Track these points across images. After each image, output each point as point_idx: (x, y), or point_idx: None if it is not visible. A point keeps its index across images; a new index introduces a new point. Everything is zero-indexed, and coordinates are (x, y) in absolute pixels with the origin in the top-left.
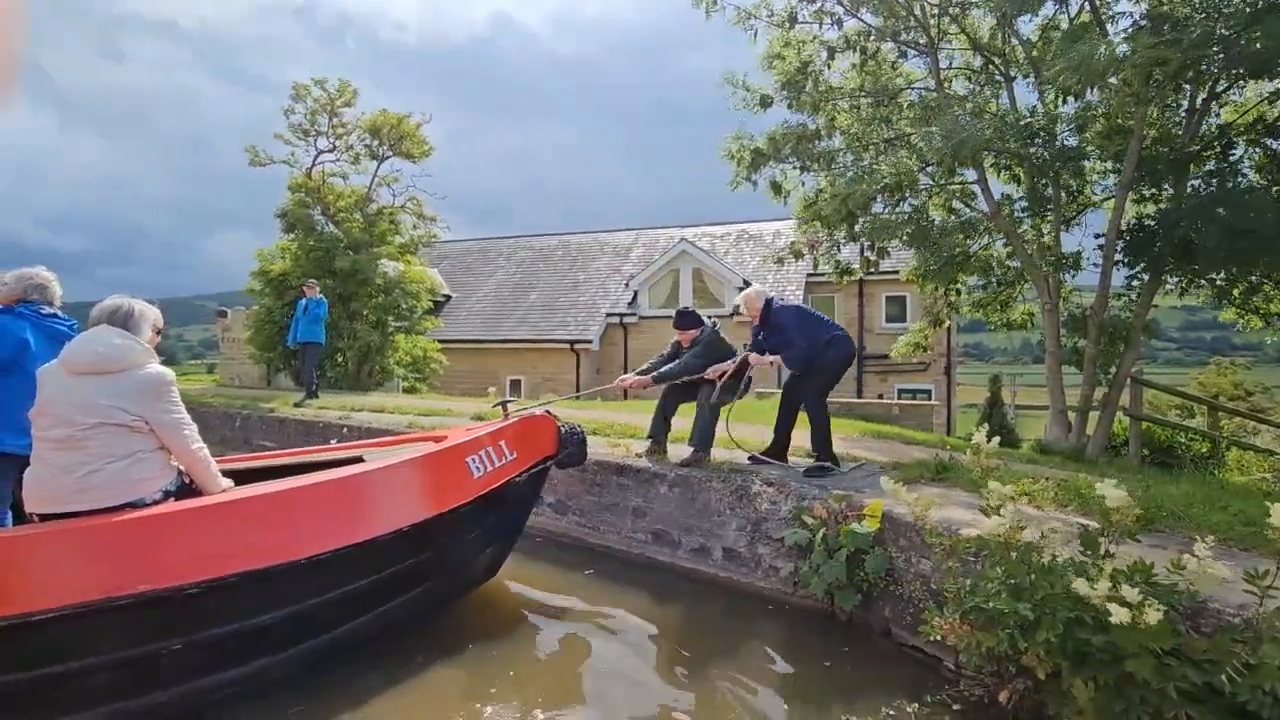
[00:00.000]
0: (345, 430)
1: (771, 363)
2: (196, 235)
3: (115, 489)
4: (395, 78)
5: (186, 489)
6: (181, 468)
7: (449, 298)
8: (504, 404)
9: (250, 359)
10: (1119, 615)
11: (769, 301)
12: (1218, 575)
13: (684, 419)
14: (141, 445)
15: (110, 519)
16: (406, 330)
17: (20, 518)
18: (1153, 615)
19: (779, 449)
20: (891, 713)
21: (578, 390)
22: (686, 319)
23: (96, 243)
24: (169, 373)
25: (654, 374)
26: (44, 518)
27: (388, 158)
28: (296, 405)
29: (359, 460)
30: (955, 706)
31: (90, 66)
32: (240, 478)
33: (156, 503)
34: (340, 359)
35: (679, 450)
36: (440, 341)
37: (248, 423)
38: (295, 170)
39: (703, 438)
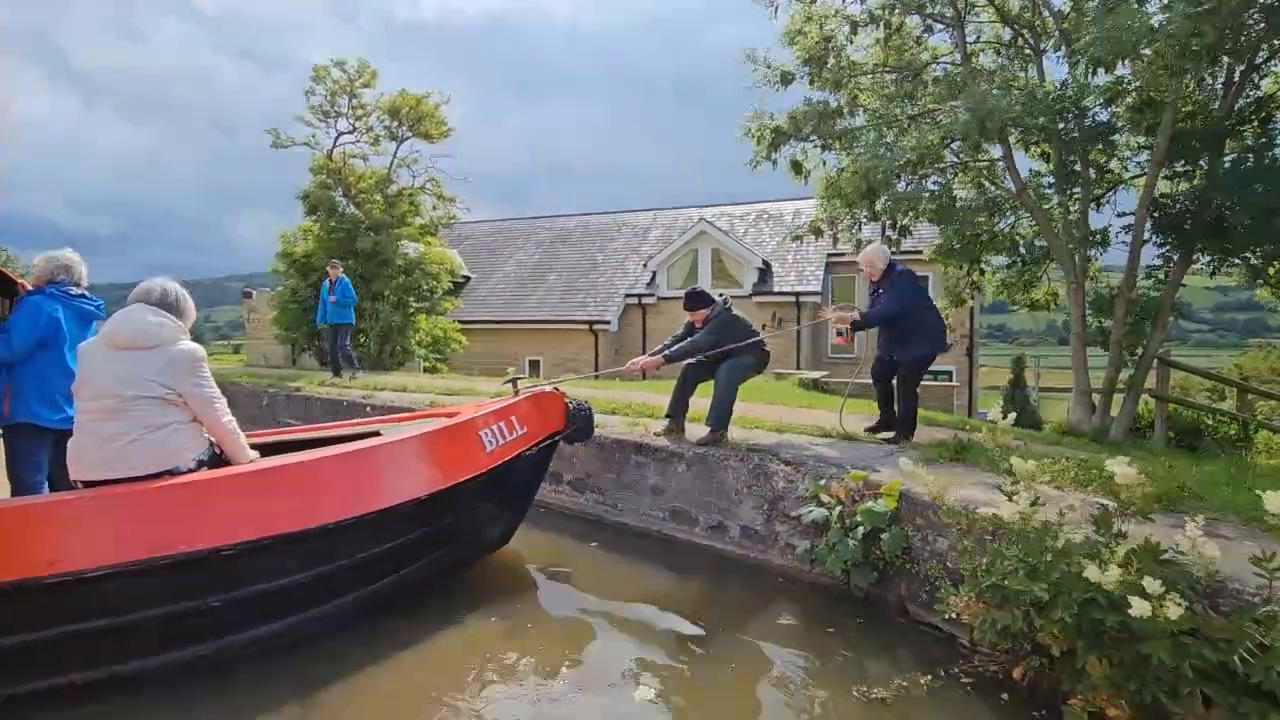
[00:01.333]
0: (369, 409)
1: (839, 313)
2: (223, 217)
3: (154, 457)
4: (412, 57)
5: (217, 459)
6: (212, 439)
7: (469, 279)
8: (514, 381)
9: (276, 339)
10: (1139, 609)
11: (892, 264)
12: (1211, 554)
13: (702, 398)
14: (177, 417)
15: (152, 485)
16: (427, 311)
17: (54, 491)
18: (1174, 610)
19: (885, 424)
20: (905, 685)
21: (595, 371)
22: (696, 299)
23: (129, 225)
24: (200, 349)
25: (666, 354)
26: (87, 484)
27: (407, 138)
28: (326, 383)
29: (376, 435)
30: (969, 681)
31: (108, 45)
32: (265, 450)
33: (190, 470)
34: (363, 339)
35: (696, 430)
36: (460, 322)
37: (274, 401)
38: (316, 152)
39: (719, 417)
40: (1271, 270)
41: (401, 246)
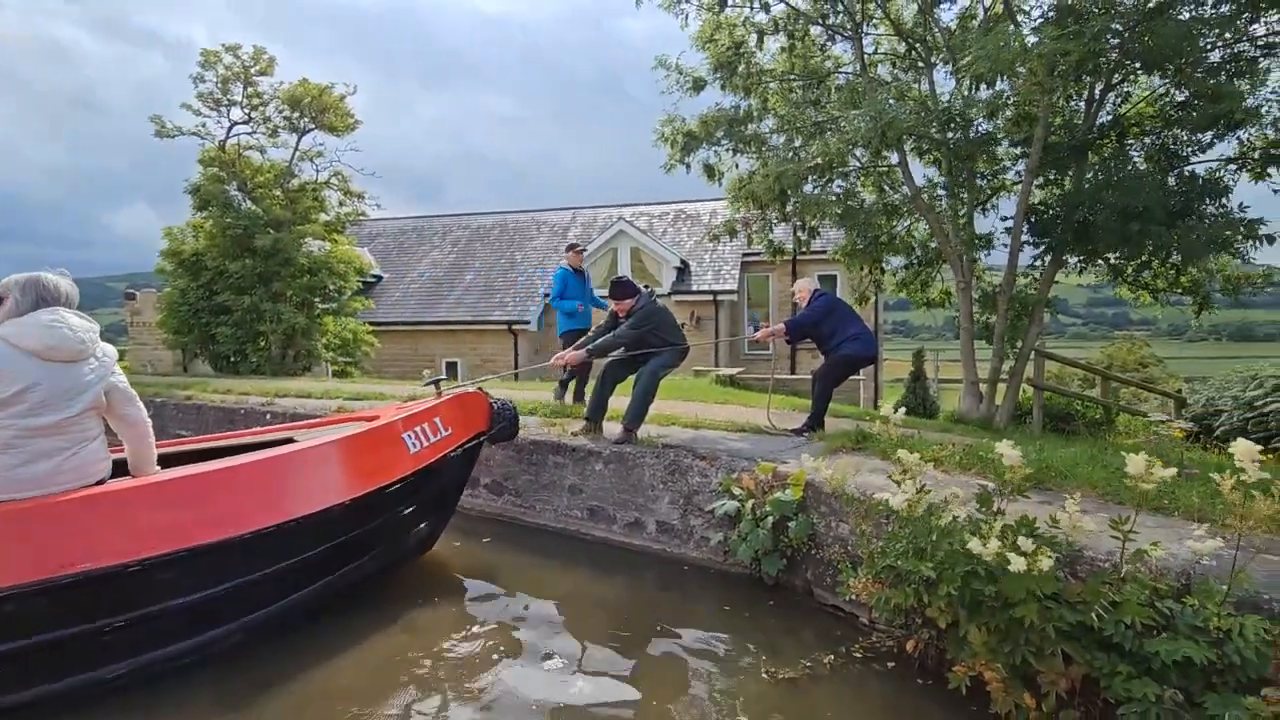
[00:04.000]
0: (268, 416)
1: (771, 334)
2: (97, 209)
3: (87, 470)
4: (304, 39)
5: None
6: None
7: (380, 278)
8: (436, 383)
9: (164, 344)
10: (1017, 564)
11: (815, 291)
12: (1086, 528)
13: (620, 397)
14: (98, 427)
15: (60, 499)
16: (335, 312)
17: None
18: (1045, 562)
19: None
20: (809, 665)
21: (515, 370)
22: (622, 288)
23: None
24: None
25: (589, 348)
26: None
27: (310, 130)
28: (235, 392)
29: (290, 441)
30: (866, 656)
31: None
32: (170, 461)
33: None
34: (263, 342)
35: (614, 429)
36: (372, 324)
37: (163, 410)
38: (206, 143)
39: (636, 415)
40: (1128, 270)
41: (305, 244)
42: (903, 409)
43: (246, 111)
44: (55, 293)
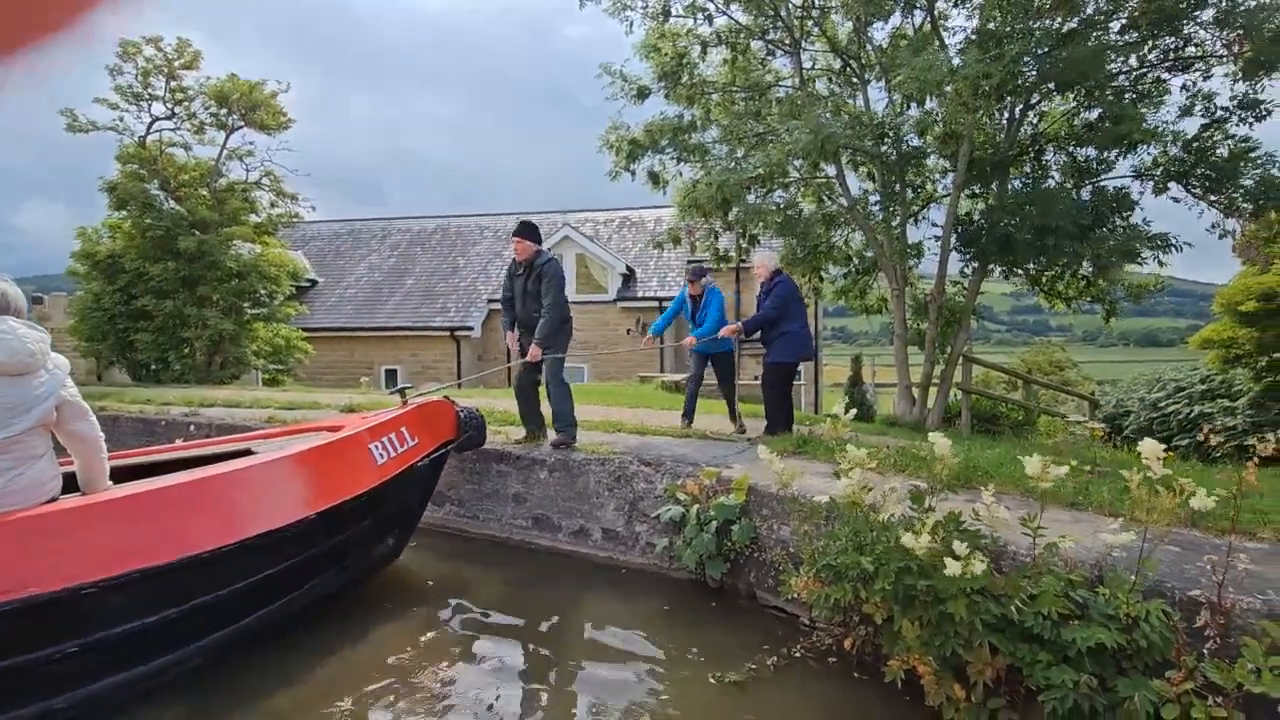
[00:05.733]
0: (192, 428)
1: (730, 333)
2: (1, 208)
3: (35, 491)
4: (232, 32)
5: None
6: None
7: (315, 283)
8: (402, 391)
9: (76, 351)
10: (952, 568)
11: (775, 271)
12: (1001, 517)
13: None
14: (49, 442)
15: (25, 514)
16: (266, 318)
17: None
18: (978, 566)
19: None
20: (753, 668)
21: (459, 378)
22: (529, 231)
23: None
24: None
25: (512, 332)
26: None
27: (239, 128)
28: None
29: (248, 453)
30: (807, 656)
31: None
32: (121, 475)
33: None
34: (187, 350)
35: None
36: (306, 330)
37: None
38: (125, 138)
39: (563, 418)
40: (1044, 279)
41: (233, 247)
42: (853, 410)
43: (170, 107)
44: (3, 301)
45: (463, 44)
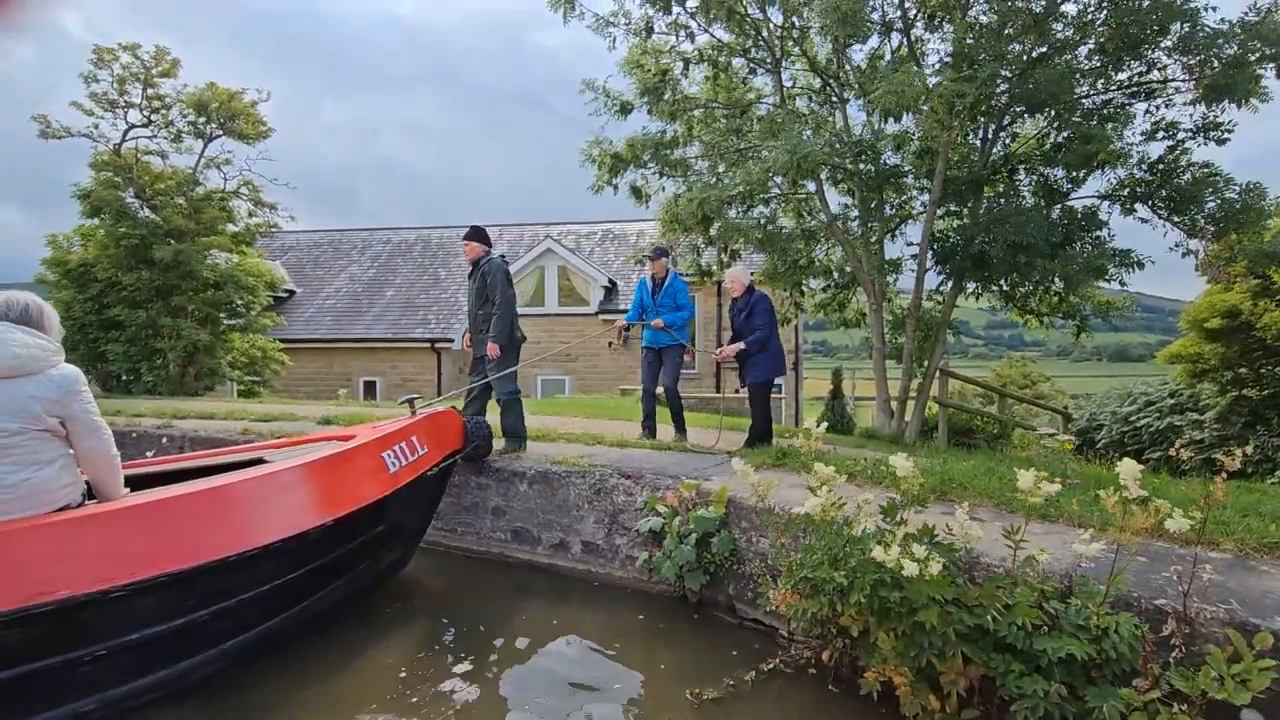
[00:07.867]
0: (165, 441)
1: (728, 354)
2: None
3: (49, 495)
4: (201, 35)
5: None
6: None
7: (293, 293)
8: (410, 401)
9: None
10: (910, 569)
11: (750, 287)
12: (975, 535)
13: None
14: (62, 450)
15: (35, 522)
16: (242, 329)
17: None
18: (934, 566)
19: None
20: (732, 683)
21: (439, 392)
22: (478, 234)
23: None
24: (79, 371)
25: (471, 335)
26: None
27: (217, 136)
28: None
29: (260, 462)
30: (786, 669)
31: None
32: (136, 484)
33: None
34: (160, 360)
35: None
36: (283, 341)
37: None
38: (99, 145)
39: (513, 430)
40: (1017, 295)
41: (210, 257)
42: (824, 424)
43: (146, 114)
44: (6, 309)
45: (433, 48)
